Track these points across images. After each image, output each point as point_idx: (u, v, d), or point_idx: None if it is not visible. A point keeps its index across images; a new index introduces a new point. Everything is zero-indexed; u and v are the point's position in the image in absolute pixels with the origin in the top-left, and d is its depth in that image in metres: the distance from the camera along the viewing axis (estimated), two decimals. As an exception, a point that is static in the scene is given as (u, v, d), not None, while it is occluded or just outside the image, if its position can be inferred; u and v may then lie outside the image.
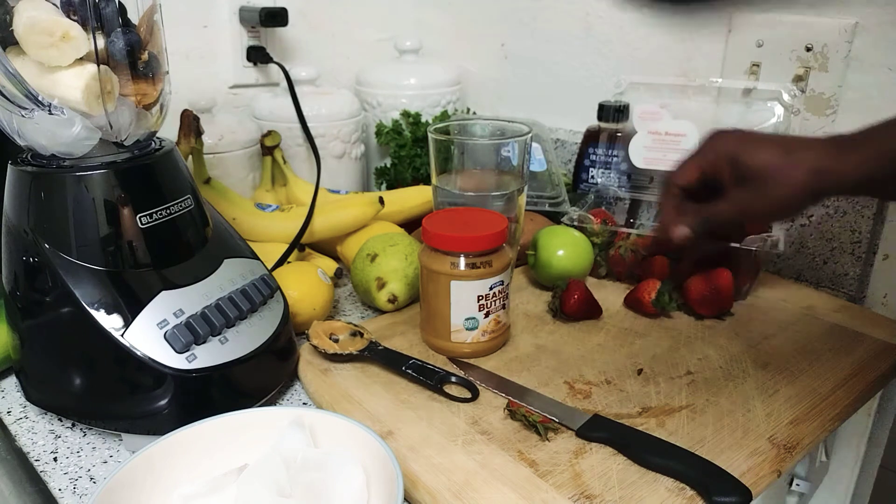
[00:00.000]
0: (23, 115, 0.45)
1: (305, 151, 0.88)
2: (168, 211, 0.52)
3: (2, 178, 0.51)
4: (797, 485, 0.65)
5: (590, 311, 0.66)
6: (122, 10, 0.48)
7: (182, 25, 0.90)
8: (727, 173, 0.54)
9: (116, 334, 0.47)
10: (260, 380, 0.54)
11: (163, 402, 0.48)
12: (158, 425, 0.48)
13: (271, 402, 0.56)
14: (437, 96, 1.00)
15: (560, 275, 0.71)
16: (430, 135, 0.65)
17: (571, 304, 0.64)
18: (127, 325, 0.48)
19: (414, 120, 0.96)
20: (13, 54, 0.45)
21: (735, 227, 0.66)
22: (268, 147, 0.85)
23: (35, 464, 0.49)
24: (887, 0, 0.68)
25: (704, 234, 0.54)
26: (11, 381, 0.58)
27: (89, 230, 0.49)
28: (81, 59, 0.46)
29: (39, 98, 0.45)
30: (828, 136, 0.54)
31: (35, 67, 0.45)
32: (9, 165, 0.50)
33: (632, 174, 0.82)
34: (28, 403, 0.55)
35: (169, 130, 0.62)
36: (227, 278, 0.54)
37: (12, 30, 0.45)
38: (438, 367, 0.56)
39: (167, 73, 0.53)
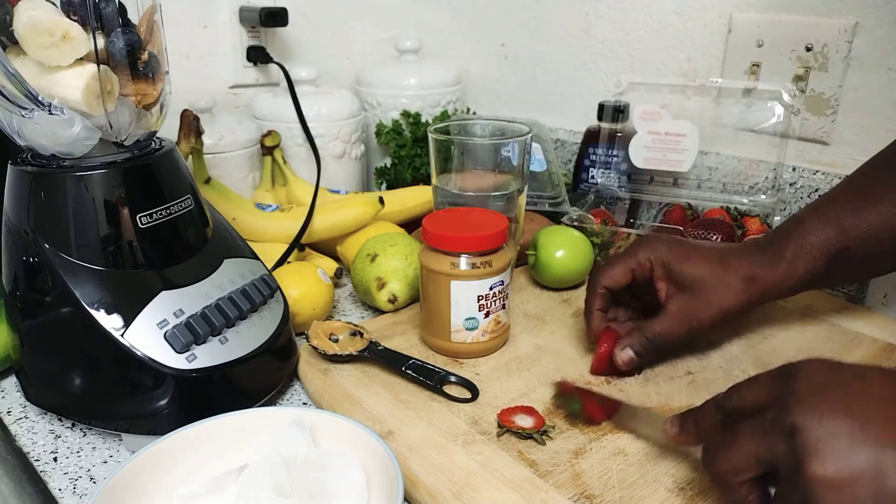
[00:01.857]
0: (23, 115, 0.45)
1: (305, 151, 0.88)
2: (168, 211, 0.52)
3: (2, 178, 0.51)
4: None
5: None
6: (122, 10, 0.48)
7: (182, 25, 0.90)
8: (662, 279, 0.56)
9: (116, 334, 0.47)
10: (260, 380, 0.54)
11: (163, 402, 0.48)
12: (158, 425, 0.48)
13: (271, 402, 0.56)
14: (437, 96, 1.00)
15: (560, 275, 0.71)
16: (430, 135, 0.65)
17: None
18: (127, 325, 0.48)
19: (414, 120, 0.96)
20: (13, 54, 0.45)
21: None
22: (268, 147, 0.85)
23: (35, 464, 0.49)
24: (887, 0, 0.68)
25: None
26: (11, 381, 0.58)
27: (89, 230, 0.49)
28: (81, 59, 0.46)
29: (39, 98, 0.45)
30: (754, 241, 0.57)
31: (35, 67, 0.45)
32: (9, 165, 0.50)
33: (632, 174, 0.82)
34: (28, 403, 0.55)
35: (169, 130, 0.62)
36: (227, 278, 0.54)
37: (12, 30, 0.45)
38: (438, 367, 0.56)
39: (167, 73, 0.53)
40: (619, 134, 0.83)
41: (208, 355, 0.50)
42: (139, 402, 0.49)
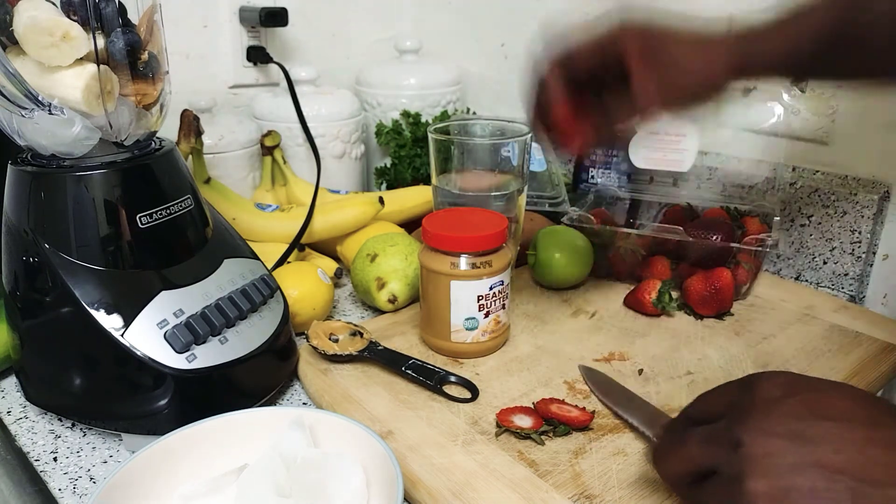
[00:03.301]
0: (23, 115, 0.45)
1: (305, 151, 0.88)
2: (168, 211, 0.52)
3: (2, 178, 0.51)
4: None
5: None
6: (122, 10, 0.48)
7: (182, 25, 0.90)
8: (635, 56, 0.46)
9: (116, 334, 0.47)
10: (260, 380, 0.54)
11: (163, 402, 0.48)
12: (158, 425, 0.48)
13: (271, 402, 0.56)
14: (437, 96, 1.00)
15: (560, 275, 0.71)
16: (430, 135, 0.65)
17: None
18: (127, 324, 0.48)
19: (414, 120, 0.96)
20: (13, 54, 0.45)
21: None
22: (268, 147, 0.85)
23: (35, 464, 0.49)
24: (887, 0, 0.68)
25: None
26: (11, 381, 0.58)
27: (89, 230, 0.49)
28: (81, 58, 0.46)
29: (39, 98, 0.45)
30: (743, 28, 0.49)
31: (35, 67, 0.45)
32: (9, 165, 0.50)
33: (632, 174, 0.82)
34: (28, 403, 0.55)
35: (169, 130, 0.62)
36: (227, 278, 0.54)
37: (12, 30, 0.45)
38: (438, 367, 0.56)
39: (167, 72, 0.53)
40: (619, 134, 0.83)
41: (208, 355, 0.50)
42: (139, 402, 0.49)
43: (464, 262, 0.56)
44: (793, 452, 0.31)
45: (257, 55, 0.94)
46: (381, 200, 0.78)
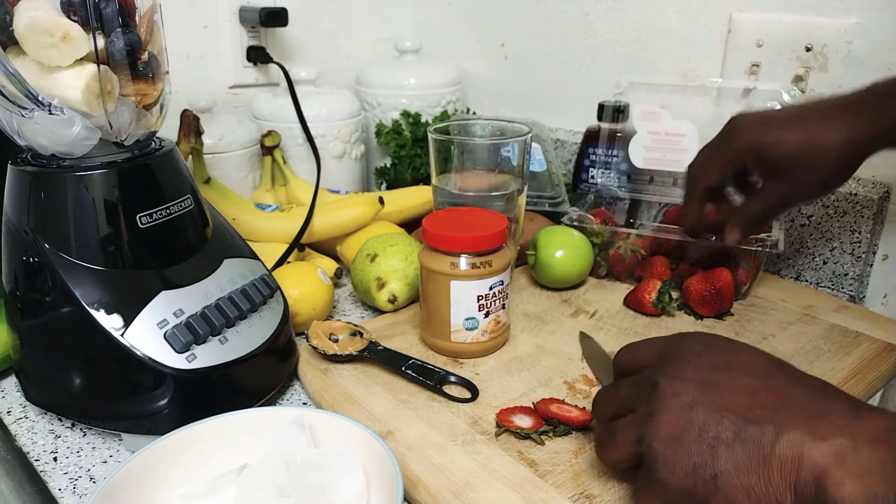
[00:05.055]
0: (23, 115, 0.45)
1: (305, 151, 0.88)
2: (168, 211, 0.52)
3: (2, 178, 0.51)
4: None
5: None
6: (121, 10, 0.48)
7: (182, 25, 0.90)
8: (755, 166, 0.55)
9: (116, 334, 0.47)
10: (260, 380, 0.54)
11: (163, 402, 0.48)
12: (158, 425, 0.48)
13: (271, 402, 0.56)
14: (437, 96, 1.00)
15: (560, 275, 0.71)
16: (430, 135, 0.65)
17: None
18: (127, 324, 0.48)
19: (414, 120, 0.96)
20: (13, 54, 0.45)
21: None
22: (268, 147, 0.85)
23: (35, 464, 0.49)
24: (887, 0, 0.68)
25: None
26: (11, 381, 0.58)
27: (89, 230, 0.49)
28: (81, 59, 0.46)
29: (39, 98, 0.45)
30: (840, 98, 0.53)
31: (35, 67, 0.45)
32: (9, 165, 0.50)
33: (632, 174, 0.82)
34: (28, 403, 0.55)
35: (169, 130, 0.62)
36: (227, 278, 0.54)
37: (12, 30, 0.45)
38: (438, 367, 0.56)
39: (167, 73, 0.53)
40: (619, 134, 0.83)
41: (208, 355, 0.50)
42: (139, 402, 0.49)
43: (464, 262, 0.56)
44: (696, 394, 0.36)
45: (257, 55, 0.94)
46: (381, 200, 0.78)
